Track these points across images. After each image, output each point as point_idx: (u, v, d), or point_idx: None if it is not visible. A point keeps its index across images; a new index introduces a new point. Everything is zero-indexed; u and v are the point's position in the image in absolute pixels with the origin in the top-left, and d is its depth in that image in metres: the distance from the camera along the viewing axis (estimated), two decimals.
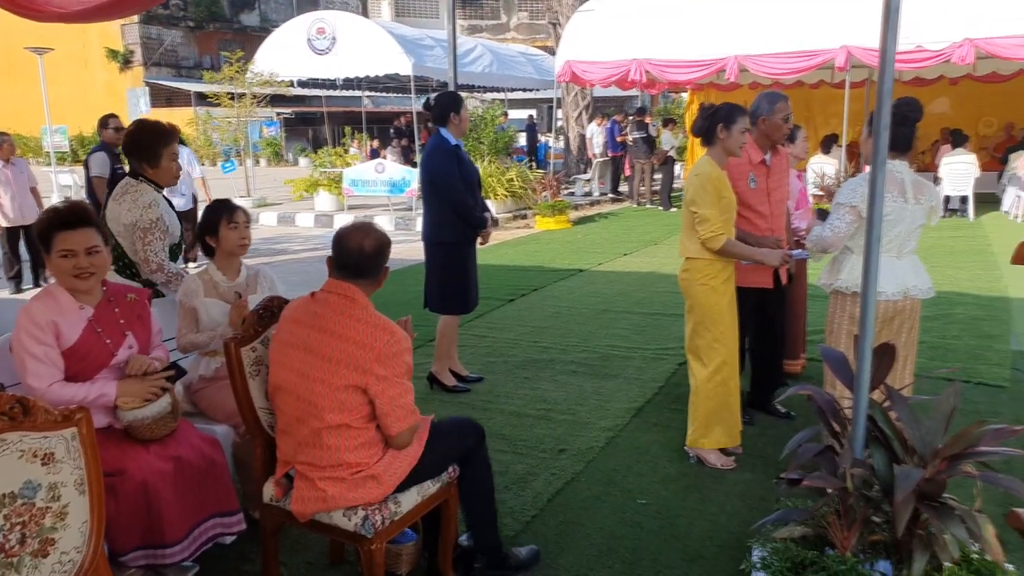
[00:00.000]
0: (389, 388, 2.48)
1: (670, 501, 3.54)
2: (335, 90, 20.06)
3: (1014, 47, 9.94)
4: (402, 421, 2.53)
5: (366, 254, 2.56)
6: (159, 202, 3.52)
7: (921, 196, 3.27)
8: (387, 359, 2.47)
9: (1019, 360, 5.17)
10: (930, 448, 2.29)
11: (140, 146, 3.56)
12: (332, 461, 2.50)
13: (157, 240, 3.47)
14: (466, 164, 4.95)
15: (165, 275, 3.53)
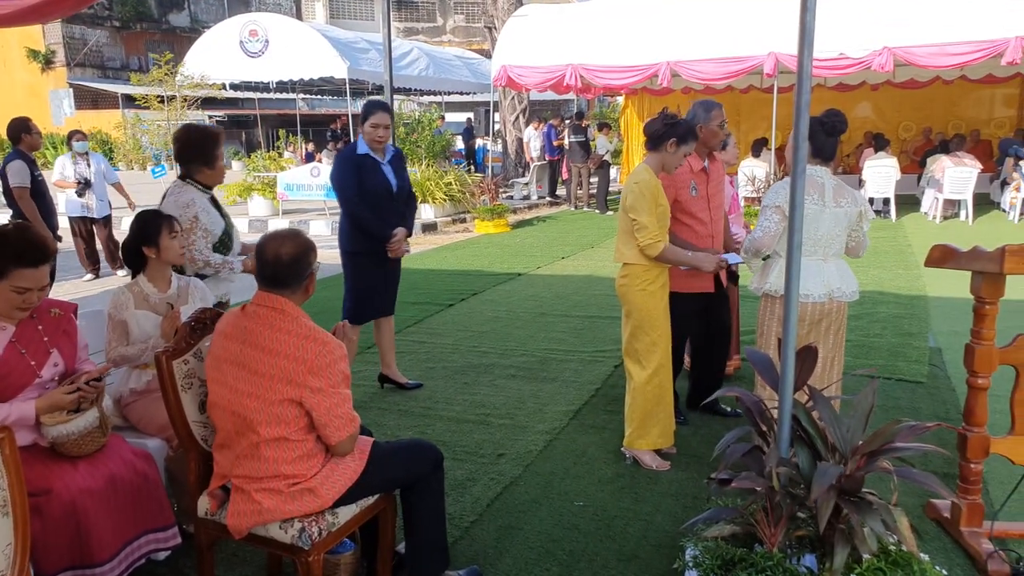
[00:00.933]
0: (325, 399, 2.46)
1: (606, 502, 3.60)
2: (268, 93, 19.70)
3: (928, 55, 10.44)
4: (341, 430, 2.52)
5: (284, 262, 2.53)
6: (196, 201, 3.64)
7: (842, 200, 3.37)
8: (320, 370, 2.45)
9: (936, 356, 5.42)
10: (850, 446, 2.39)
11: (196, 149, 3.70)
12: (270, 472, 2.47)
13: (200, 238, 3.60)
14: (371, 172, 4.73)
15: (213, 268, 3.69)
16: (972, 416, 2.95)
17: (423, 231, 12.54)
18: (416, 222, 12.67)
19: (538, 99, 20.09)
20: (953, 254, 2.92)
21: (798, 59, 2.30)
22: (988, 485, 3.50)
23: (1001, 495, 3.43)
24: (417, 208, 5.02)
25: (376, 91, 18.46)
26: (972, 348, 2.90)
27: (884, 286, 7.66)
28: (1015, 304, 5.21)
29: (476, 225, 12.66)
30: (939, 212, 12.15)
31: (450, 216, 13.41)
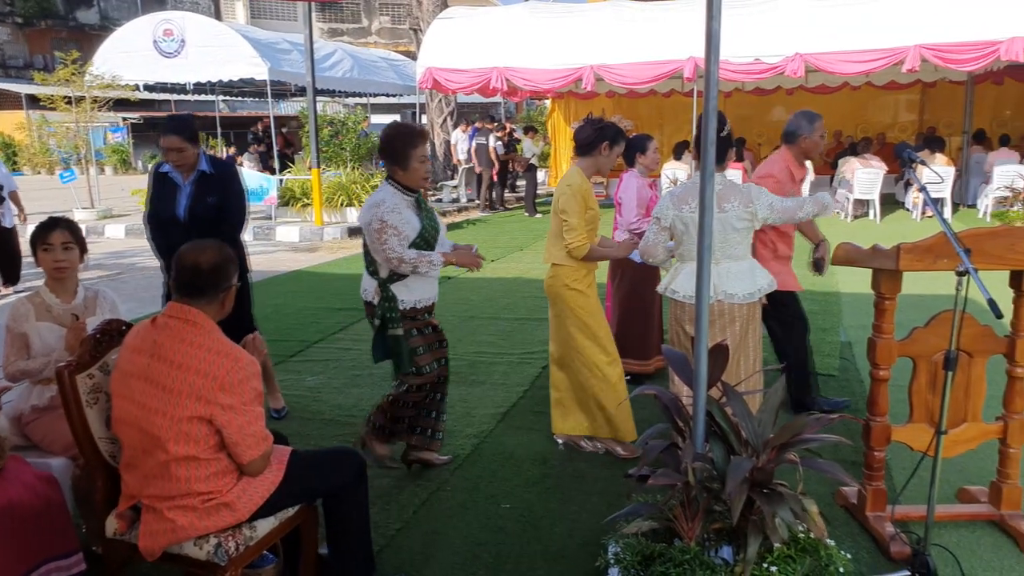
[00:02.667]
0: (236, 417, 2.40)
1: (533, 503, 3.62)
2: (186, 94, 19.10)
3: (837, 62, 10.89)
4: (253, 449, 2.45)
5: (202, 271, 2.46)
6: (386, 201, 3.52)
7: (726, 204, 3.36)
8: (232, 387, 2.38)
9: (847, 350, 5.66)
10: (762, 439, 2.47)
11: (389, 148, 3.59)
12: (182, 491, 2.39)
13: (391, 237, 3.46)
14: (164, 194, 4.23)
15: (410, 264, 3.53)
16: (874, 406, 3.09)
17: (349, 235, 12.37)
18: (342, 226, 12.53)
19: (467, 102, 20.12)
20: (855, 252, 3.05)
21: (705, 65, 2.37)
22: (892, 471, 3.68)
23: (904, 480, 3.61)
24: (240, 228, 4.41)
25: (299, 92, 18.12)
26: (873, 341, 3.04)
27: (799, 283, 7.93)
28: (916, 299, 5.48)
29: None
30: (850, 211, 12.68)
31: None
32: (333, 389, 5.28)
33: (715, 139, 2.42)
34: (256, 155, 18.68)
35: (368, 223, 3.52)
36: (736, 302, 3.42)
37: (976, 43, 10.25)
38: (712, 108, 2.40)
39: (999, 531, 3.13)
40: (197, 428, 2.37)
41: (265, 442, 2.50)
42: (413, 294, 3.64)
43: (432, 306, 3.77)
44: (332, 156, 14.26)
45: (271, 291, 8.49)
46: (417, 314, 3.67)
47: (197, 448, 2.38)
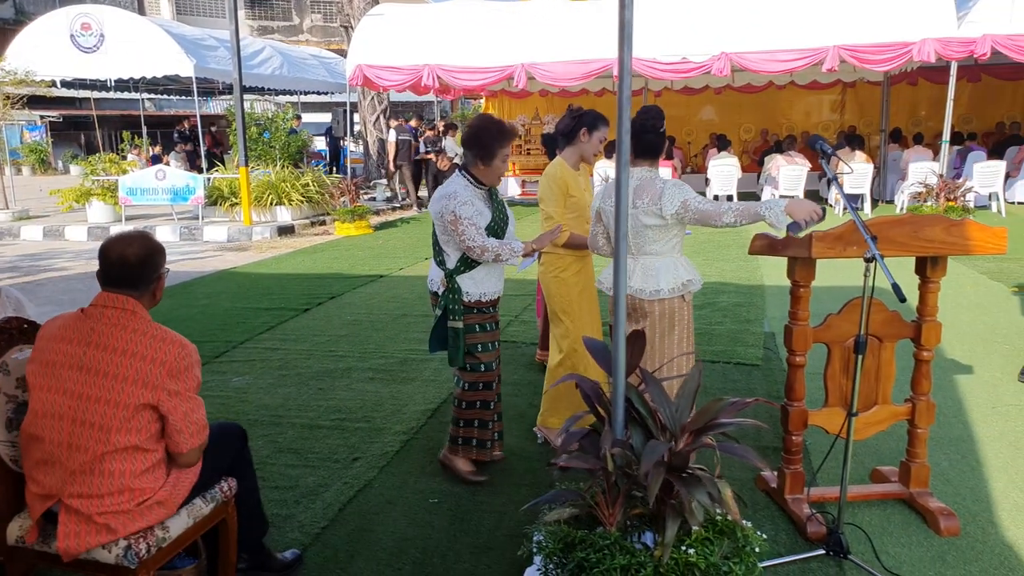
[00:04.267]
0: (182, 403, 2.37)
1: (461, 497, 3.61)
2: (107, 91, 18.41)
3: (760, 61, 11.18)
4: (195, 437, 2.42)
5: (130, 263, 2.40)
6: (459, 194, 3.50)
7: (639, 200, 3.28)
8: (179, 373, 2.35)
9: (770, 340, 5.81)
10: (678, 424, 2.51)
11: (477, 143, 3.55)
12: (114, 488, 2.31)
13: (469, 228, 3.45)
14: None
15: (493, 252, 3.49)
16: (791, 392, 3.18)
17: (279, 234, 12.14)
18: (272, 225, 12.28)
19: (400, 99, 19.94)
20: (770, 242, 3.13)
21: (619, 56, 2.39)
22: (812, 456, 3.79)
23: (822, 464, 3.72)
24: None
25: (227, 90, 17.67)
26: (789, 328, 3.12)
27: (726, 277, 8.13)
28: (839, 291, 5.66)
29: (336, 227, 12.38)
30: None
31: (308, 219, 13.04)
32: (259, 389, 5.16)
33: (629, 130, 2.44)
34: (183, 154, 18.19)
35: (439, 214, 3.53)
36: (645, 297, 3.36)
37: (891, 44, 10.67)
38: (626, 98, 2.42)
39: (909, 509, 3.26)
40: (142, 415, 2.33)
41: (205, 431, 2.47)
42: (479, 287, 3.62)
43: (498, 300, 3.75)
44: (261, 154, 13.95)
45: (196, 292, 8.25)
46: (483, 307, 3.64)
47: (140, 437, 2.33)
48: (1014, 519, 3.18)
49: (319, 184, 13.26)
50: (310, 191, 13.04)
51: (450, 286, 3.57)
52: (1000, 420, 4.19)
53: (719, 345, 5.69)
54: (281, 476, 3.90)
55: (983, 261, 8.14)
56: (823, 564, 2.88)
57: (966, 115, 16.11)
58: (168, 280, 2.69)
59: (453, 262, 3.58)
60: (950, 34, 10.48)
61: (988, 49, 10.45)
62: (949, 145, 11.65)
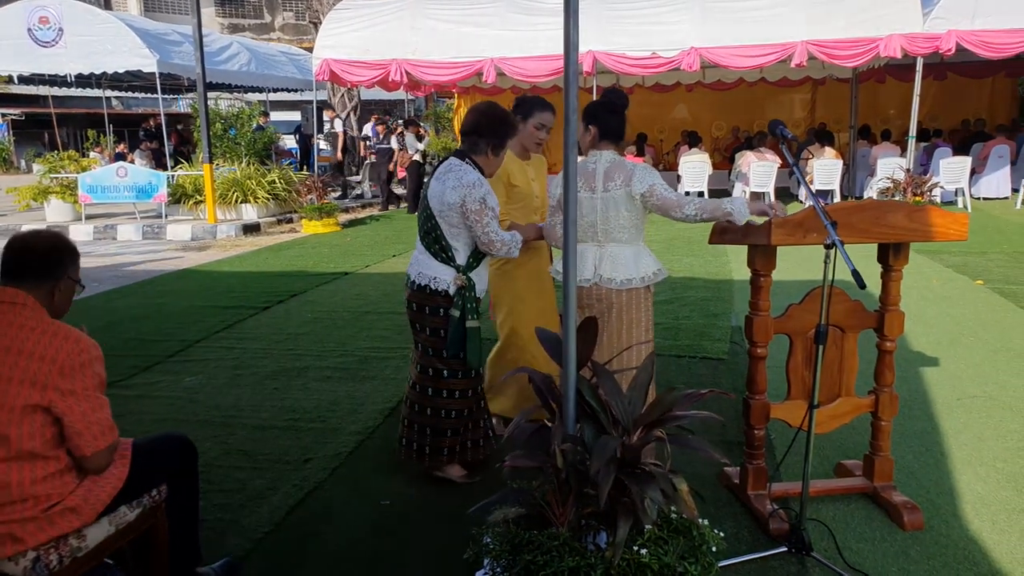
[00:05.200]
0: (79, 403, 2.19)
1: (414, 499, 3.47)
2: (68, 88, 17.97)
3: (730, 56, 11.15)
4: (99, 440, 2.24)
5: (31, 252, 2.27)
6: (480, 183, 3.31)
7: (611, 183, 3.18)
8: (74, 371, 2.18)
9: (737, 334, 5.72)
10: (631, 417, 2.39)
11: (493, 132, 3.40)
12: (15, 496, 2.14)
13: (492, 220, 3.31)
14: None
15: (508, 246, 3.38)
16: (753, 384, 3.08)
17: (244, 232, 11.89)
18: (237, 223, 12.03)
19: (373, 97, 19.70)
20: (730, 229, 3.02)
21: (564, 30, 2.26)
22: (775, 450, 3.69)
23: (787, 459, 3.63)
24: None
25: (193, 87, 17.32)
26: (750, 319, 3.02)
27: (695, 272, 8.05)
28: (806, 284, 5.61)
29: (303, 225, 12.16)
30: None
31: (275, 216, 12.80)
32: (212, 390, 4.98)
33: (576, 107, 2.32)
34: (148, 152, 17.82)
35: (461, 203, 3.26)
36: (614, 287, 3.25)
37: (858, 40, 10.68)
38: (572, 73, 2.30)
39: (872, 503, 3.17)
40: (32, 419, 2.14)
41: (112, 433, 2.30)
42: (481, 282, 3.48)
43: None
44: (226, 151, 13.67)
45: (154, 291, 8.02)
46: (479, 304, 3.49)
47: (34, 443, 2.15)
48: (978, 512, 3.10)
49: (286, 181, 13.02)
50: (276, 188, 12.80)
51: (468, 283, 3.39)
52: (964, 412, 4.13)
53: (685, 340, 5.60)
54: (228, 479, 3.73)
55: (949, 255, 8.15)
56: (784, 562, 2.78)
57: (932, 113, 16.26)
58: (127, 279, 2.56)
59: (464, 257, 3.39)
60: (916, 30, 10.53)
61: (953, 45, 10.50)
62: (916, 142, 11.71)
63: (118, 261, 9.90)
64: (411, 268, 3.51)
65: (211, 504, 3.47)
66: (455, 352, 3.42)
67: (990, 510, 3.11)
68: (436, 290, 3.39)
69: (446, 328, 3.41)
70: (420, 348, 3.53)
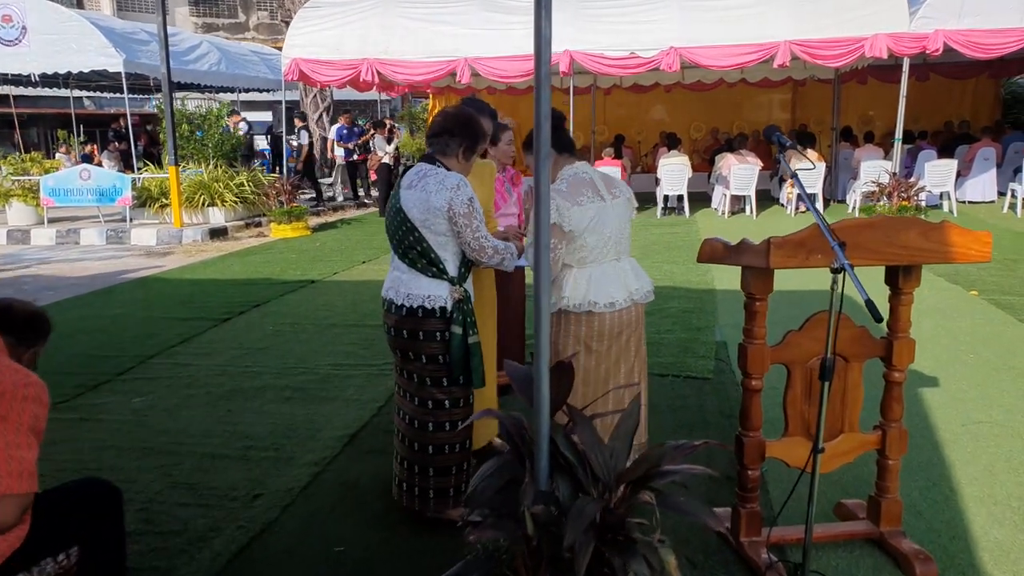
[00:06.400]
0: (4, 433, 1.90)
1: (371, 545, 3.12)
2: (32, 87, 17.38)
3: (710, 56, 10.88)
4: (14, 479, 1.92)
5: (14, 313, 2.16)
6: (465, 184, 3.00)
7: (614, 190, 3.03)
8: (13, 399, 1.95)
9: (722, 350, 5.40)
10: (614, 473, 2.06)
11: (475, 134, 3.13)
12: None
13: (481, 224, 3.00)
14: None
15: (500, 255, 3.08)
16: (747, 420, 2.76)
17: (211, 236, 11.46)
18: (203, 227, 11.59)
19: (346, 97, 19.24)
20: (721, 250, 2.70)
21: (535, 25, 1.93)
22: (769, 488, 3.38)
23: (780, 496, 3.32)
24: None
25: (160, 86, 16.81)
26: (744, 348, 2.70)
27: (676, 281, 7.74)
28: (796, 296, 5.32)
29: (272, 229, 11.74)
30: (727, 208, 12.77)
31: (243, 220, 12.36)
32: (161, 412, 4.61)
33: (548, 112, 1.99)
34: (116, 153, 17.30)
35: (448, 206, 2.92)
36: (643, 300, 3.06)
37: (843, 39, 10.44)
38: (544, 75, 1.97)
39: (879, 550, 2.86)
40: None
41: (30, 481, 1.96)
42: (473, 295, 3.16)
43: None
44: (194, 153, 13.21)
45: (112, 300, 7.60)
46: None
47: None
48: (997, 562, 2.79)
49: (255, 184, 12.58)
50: (245, 191, 12.36)
51: (465, 295, 3.05)
52: (971, 440, 3.84)
53: (668, 356, 5.27)
54: (169, 518, 3.37)
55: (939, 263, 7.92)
56: None
57: (914, 114, 16.07)
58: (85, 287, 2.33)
59: (455, 267, 3.05)
60: (902, 30, 10.30)
61: (940, 45, 10.29)
62: (901, 144, 11.50)
63: (77, 268, 9.44)
64: (391, 291, 3.13)
65: (147, 548, 3.12)
66: (460, 374, 3.07)
67: (1010, 559, 2.80)
68: (431, 310, 3.03)
69: (445, 353, 3.06)
70: (415, 379, 3.14)
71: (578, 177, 2.99)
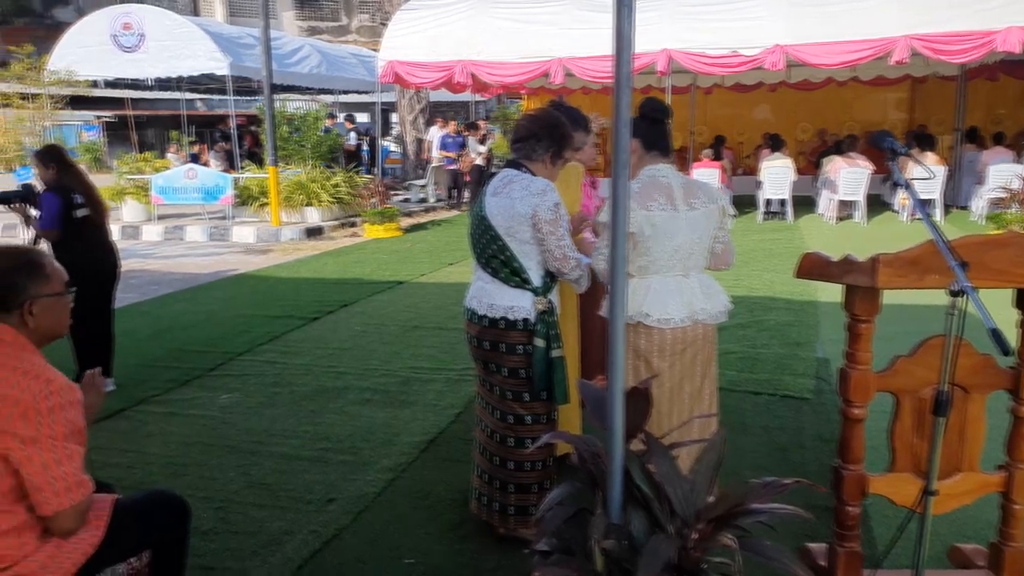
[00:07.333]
0: (40, 453, 1.87)
1: (442, 558, 3.03)
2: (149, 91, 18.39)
3: (820, 54, 10.31)
4: (61, 497, 1.91)
5: None
6: (553, 188, 2.91)
7: (694, 200, 2.81)
8: (39, 415, 1.88)
9: (823, 368, 5.04)
10: (693, 509, 1.87)
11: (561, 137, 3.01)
12: None
13: (567, 233, 2.89)
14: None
15: (581, 270, 2.95)
16: (847, 452, 2.50)
17: (307, 236, 11.74)
18: (300, 226, 11.90)
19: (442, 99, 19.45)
20: (823, 265, 2.45)
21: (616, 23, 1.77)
22: (871, 522, 3.09)
23: (885, 532, 3.03)
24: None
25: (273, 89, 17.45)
26: (846, 373, 2.44)
27: (776, 291, 7.33)
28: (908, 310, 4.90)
29: (365, 230, 11.93)
30: (834, 213, 12.12)
31: (338, 220, 12.63)
32: (246, 410, 4.68)
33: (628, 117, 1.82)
34: (222, 153, 18.01)
35: (532, 213, 2.82)
36: (712, 322, 2.86)
37: (970, 33, 9.63)
38: (625, 75, 1.81)
39: None
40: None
41: (79, 490, 1.95)
42: (558, 307, 3.05)
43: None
44: (292, 154, 13.60)
45: (209, 296, 7.86)
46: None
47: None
48: None
49: (350, 185, 12.84)
50: (340, 192, 12.63)
51: (550, 306, 2.93)
52: None
53: (764, 373, 4.95)
54: (245, 518, 3.39)
55: None
56: None
57: None
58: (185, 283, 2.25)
59: (539, 277, 2.93)
60: None
61: None
62: None
63: (181, 264, 9.84)
64: (474, 300, 3.03)
65: (222, 548, 3.15)
66: (542, 388, 2.94)
67: None
68: (513, 321, 2.91)
69: (527, 367, 2.93)
70: (496, 392, 3.04)
71: (655, 181, 2.80)
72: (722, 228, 2.92)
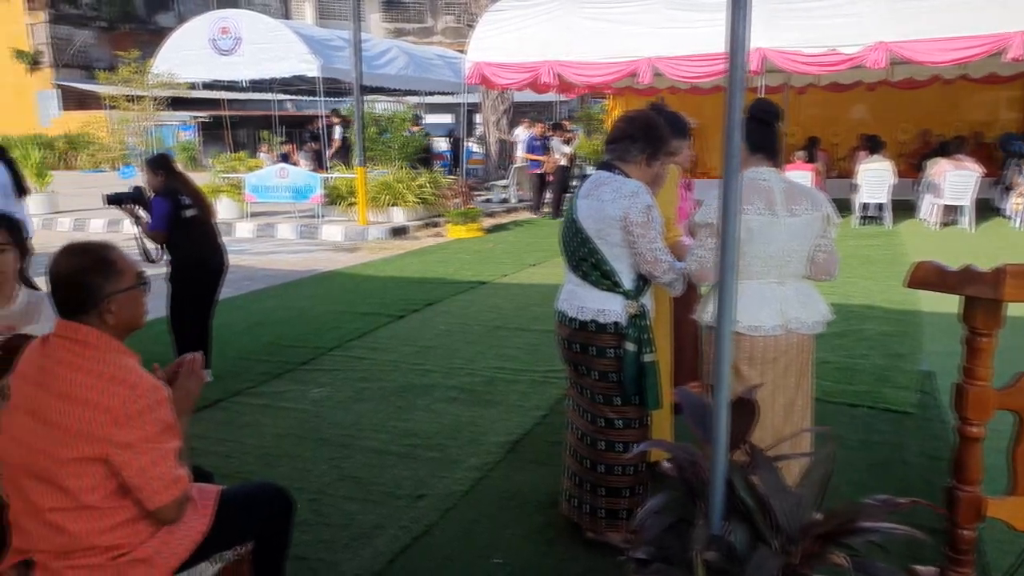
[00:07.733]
0: (137, 457, 1.95)
1: (530, 559, 3.03)
2: (243, 92, 19.14)
3: (926, 51, 9.81)
4: (161, 495, 2.00)
5: (61, 283, 2.03)
6: (645, 191, 2.88)
7: (796, 206, 2.71)
8: (130, 420, 1.94)
9: (928, 382, 4.79)
10: (799, 524, 1.81)
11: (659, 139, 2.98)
12: (80, 545, 1.96)
13: (657, 235, 2.85)
14: None
15: (674, 273, 2.89)
16: (962, 472, 2.36)
17: (393, 235, 11.97)
18: (386, 226, 12.14)
19: (525, 100, 19.52)
20: (940, 275, 2.32)
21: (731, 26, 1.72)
22: (984, 546, 2.92)
23: (999, 558, 2.86)
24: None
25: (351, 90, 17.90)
26: (964, 389, 2.30)
27: (874, 299, 7.02)
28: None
29: (448, 229, 12.08)
30: (938, 218, 11.53)
31: (422, 220, 12.83)
32: (336, 404, 4.80)
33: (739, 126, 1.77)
34: (311, 153, 18.55)
35: (623, 216, 2.79)
36: (807, 332, 2.76)
37: None
38: (739, 79, 1.75)
39: None
40: (90, 471, 1.94)
41: (176, 486, 2.03)
42: (652, 310, 3.02)
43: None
44: (379, 155, 13.89)
45: (300, 293, 8.10)
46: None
47: (92, 497, 1.95)
48: None
49: (434, 185, 13.03)
50: (425, 192, 12.82)
51: (641, 310, 2.90)
52: None
53: (862, 385, 4.75)
54: (337, 511, 3.48)
55: None
56: None
57: None
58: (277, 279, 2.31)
59: (630, 281, 2.90)
60: None
61: None
62: None
63: (272, 260, 10.18)
64: (565, 303, 3.04)
65: (316, 540, 3.23)
66: (633, 393, 2.92)
67: None
68: (604, 325, 2.89)
69: (618, 371, 2.91)
70: (587, 394, 3.04)
71: (755, 183, 2.71)
72: (825, 236, 2.81)
